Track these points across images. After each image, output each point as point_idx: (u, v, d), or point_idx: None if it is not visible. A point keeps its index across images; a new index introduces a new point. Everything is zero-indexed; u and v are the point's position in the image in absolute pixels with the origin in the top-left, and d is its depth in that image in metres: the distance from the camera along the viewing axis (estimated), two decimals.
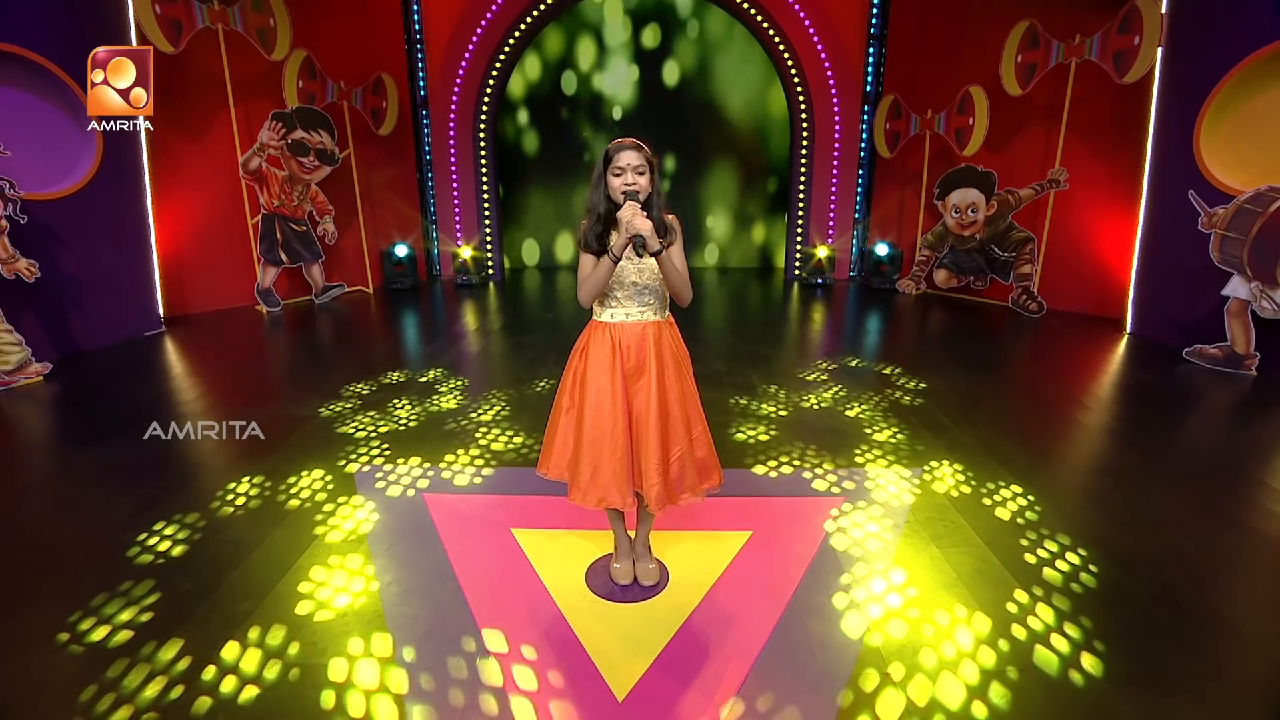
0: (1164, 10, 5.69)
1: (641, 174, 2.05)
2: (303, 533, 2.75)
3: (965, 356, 5.49)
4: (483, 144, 8.47)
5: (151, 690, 1.89)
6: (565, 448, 2.26)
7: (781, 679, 1.96)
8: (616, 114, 9.28)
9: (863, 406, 4.22)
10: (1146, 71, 5.83)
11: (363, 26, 7.80)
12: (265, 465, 3.36)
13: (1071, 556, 2.56)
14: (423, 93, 8.29)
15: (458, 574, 2.49)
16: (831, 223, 8.69)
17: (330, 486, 3.15)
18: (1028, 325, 6.56)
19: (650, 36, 9.03)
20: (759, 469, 3.35)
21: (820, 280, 8.49)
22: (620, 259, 2.06)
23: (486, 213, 8.71)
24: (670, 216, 2.14)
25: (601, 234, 2.10)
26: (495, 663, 2.03)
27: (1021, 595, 2.32)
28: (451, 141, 8.44)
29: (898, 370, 4.96)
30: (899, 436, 3.74)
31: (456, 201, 8.65)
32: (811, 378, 4.78)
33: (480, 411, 4.11)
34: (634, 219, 1.96)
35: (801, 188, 8.59)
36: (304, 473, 3.27)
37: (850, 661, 2.02)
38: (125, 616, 2.21)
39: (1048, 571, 2.47)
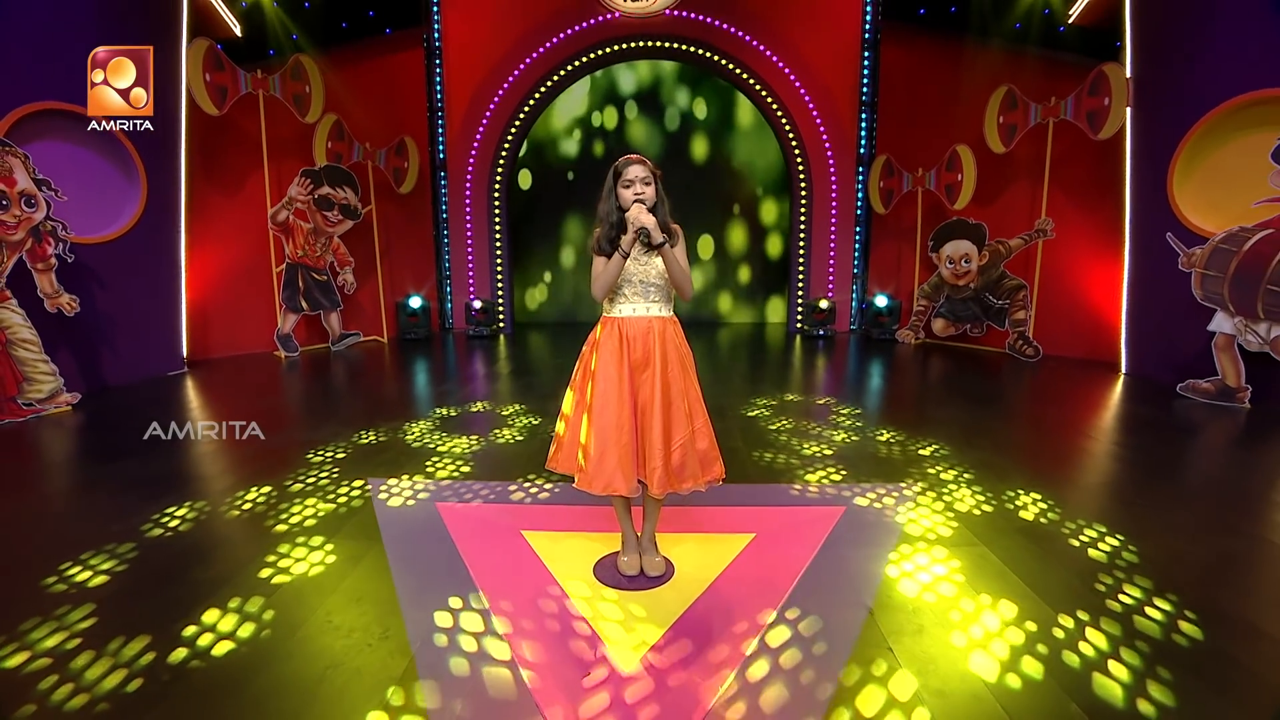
0: (1128, 75, 6.14)
1: (648, 184, 2.29)
2: (325, 533, 2.84)
3: (970, 397, 5.56)
4: (496, 204, 8.93)
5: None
6: (574, 441, 2.39)
7: (776, 663, 2.01)
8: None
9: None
10: (1119, 129, 6.22)
11: (389, 93, 8.42)
12: (272, 480, 3.48)
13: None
14: (441, 155, 8.83)
15: (469, 566, 2.57)
16: (831, 277, 8.99)
17: (351, 502, 3.25)
18: (1026, 369, 6.69)
19: (665, 105, 9.65)
20: (793, 489, 3.44)
21: (822, 332, 8.70)
22: (629, 254, 2.26)
23: (499, 268, 9.08)
24: (675, 226, 2.36)
25: (614, 238, 2.31)
26: (505, 643, 2.10)
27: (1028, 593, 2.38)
28: (467, 201, 8.91)
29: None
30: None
31: (470, 257, 9.04)
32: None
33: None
34: (640, 215, 2.18)
35: (801, 244, 8.96)
36: (305, 505, 3.38)
37: (845, 650, 2.08)
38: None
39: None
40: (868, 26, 8.43)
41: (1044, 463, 3.82)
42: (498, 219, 8.98)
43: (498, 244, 9.04)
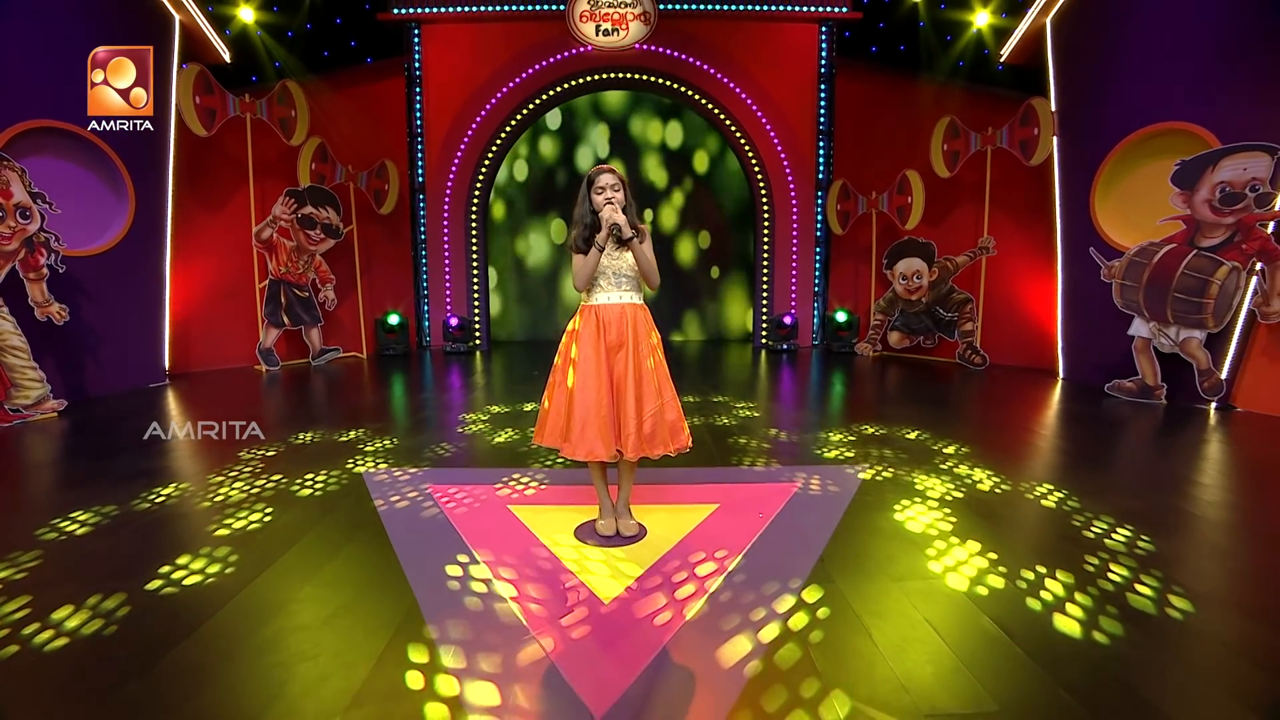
0: (1054, 108, 6.79)
1: (617, 191, 2.65)
2: (337, 511, 3.07)
3: (925, 401, 5.97)
4: (474, 225, 9.25)
5: None
6: (559, 416, 2.69)
7: (737, 592, 2.32)
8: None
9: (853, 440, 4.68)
10: (1047, 155, 6.85)
11: (371, 118, 8.75)
12: (276, 469, 3.69)
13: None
14: (421, 178, 9.14)
15: (461, 532, 2.83)
16: (794, 294, 9.48)
17: (344, 482, 3.48)
18: (974, 376, 7.17)
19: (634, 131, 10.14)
20: (755, 468, 3.77)
21: (785, 346, 9.14)
22: (604, 248, 2.60)
23: (475, 287, 9.37)
24: (641, 225, 2.71)
25: (589, 237, 2.66)
26: (507, 585, 2.37)
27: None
28: (445, 221, 9.21)
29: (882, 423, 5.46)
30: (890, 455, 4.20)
31: (448, 276, 9.31)
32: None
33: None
34: (613, 214, 2.53)
35: (765, 263, 9.44)
36: (318, 473, 3.61)
37: (795, 584, 2.40)
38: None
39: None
40: (824, 62, 9.07)
41: (993, 451, 4.20)
42: (474, 239, 9.29)
43: (474, 264, 9.33)
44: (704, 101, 9.07)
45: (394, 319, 8.70)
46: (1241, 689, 1.79)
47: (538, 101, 9.01)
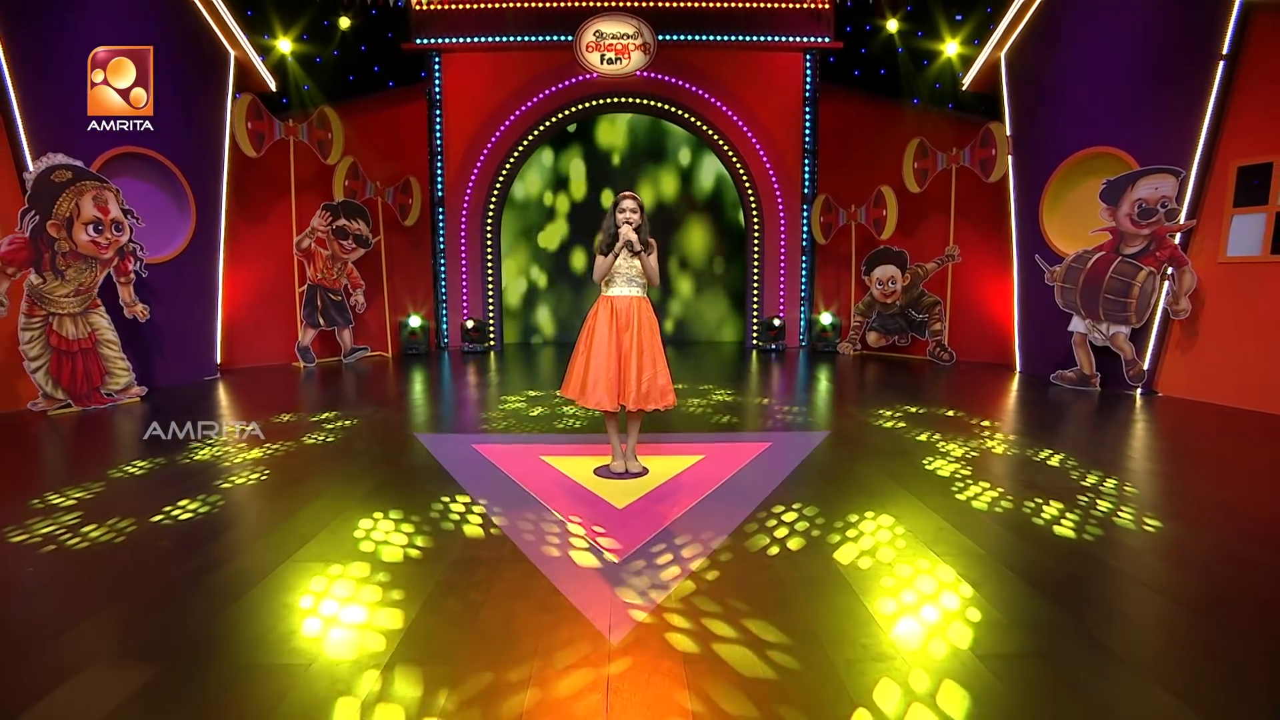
0: (1009, 131, 7.72)
1: (635, 214, 3.54)
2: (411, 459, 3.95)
3: (900, 392, 6.85)
4: (489, 235, 10.16)
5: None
6: (578, 376, 3.58)
7: (723, 502, 3.20)
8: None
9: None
10: (1004, 174, 7.78)
11: (397, 139, 9.69)
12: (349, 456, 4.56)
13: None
14: (440, 193, 10.06)
15: (503, 470, 3.70)
16: (782, 299, 10.37)
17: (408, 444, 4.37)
18: (943, 372, 8.04)
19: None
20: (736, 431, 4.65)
21: (774, 347, 10.02)
22: (618, 255, 3.50)
23: (490, 292, 10.26)
24: (651, 240, 3.61)
25: (610, 245, 3.55)
26: (541, 505, 3.25)
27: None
28: (463, 233, 10.13)
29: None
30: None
31: (465, 282, 10.21)
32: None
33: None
34: (628, 232, 3.43)
35: (755, 271, 10.35)
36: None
37: (752, 505, 3.27)
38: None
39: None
40: (808, 86, 10.02)
41: (957, 431, 5.08)
42: (489, 249, 10.19)
43: (489, 270, 10.23)
44: (699, 123, 10.01)
45: (415, 321, 9.59)
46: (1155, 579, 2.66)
47: (547, 124, 9.95)
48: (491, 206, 10.10)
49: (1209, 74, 5.63)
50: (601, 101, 9.96)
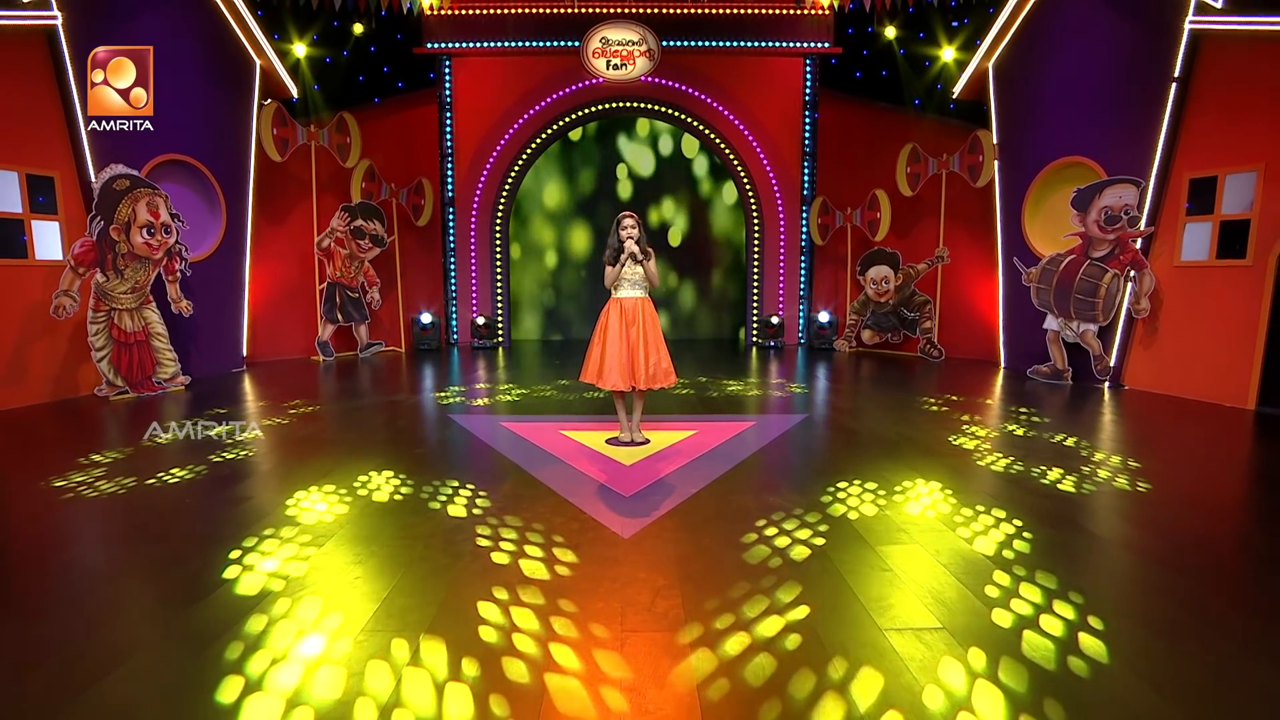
0: (995, 139, 8.53)
1: (634, 229, 4.37)
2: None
3: (893, 385, 7.66)
4: (498, 235, 10.99)
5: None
6: (594, 363, 4.40)
7: (707, 462, 4.02)
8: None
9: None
10: (990, 179, 8.58)
11: (410, 143, 10.54)
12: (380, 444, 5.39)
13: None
14: (451, 194, 10.89)
15: (526, 438, 4.53)
16: (781, 297, 11.18)
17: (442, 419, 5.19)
18: (934, 367, 8.85)
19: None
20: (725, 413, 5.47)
21: (773, 344, 10.82)
22: (624, 265, 4.33)
23: (499, 290, 11.09)
24: (650, 249, 4.43)
25: (616, 255, 4.38)
26: (566, 464, 4.07)
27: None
28: (472, 232, 10.96)
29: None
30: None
31: (474, 280, 11.04)
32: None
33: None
34: (631, 246, 4.27)
35: (756, 271, 11.16)
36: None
37: (735, 461, 4.10)
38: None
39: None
40: (808, 92, 10.83)
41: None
42: (498, 248, 11.03)
43: (498, 269, 11.07)
44: (701, 127, 10.84)
45: (427, 318, 10.42)
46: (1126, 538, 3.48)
47: (555, 127, 10.79)
48: (500, 206, 10.93)
49: (1164, 94, 6.44)
50: (607, 106, 10.78)
